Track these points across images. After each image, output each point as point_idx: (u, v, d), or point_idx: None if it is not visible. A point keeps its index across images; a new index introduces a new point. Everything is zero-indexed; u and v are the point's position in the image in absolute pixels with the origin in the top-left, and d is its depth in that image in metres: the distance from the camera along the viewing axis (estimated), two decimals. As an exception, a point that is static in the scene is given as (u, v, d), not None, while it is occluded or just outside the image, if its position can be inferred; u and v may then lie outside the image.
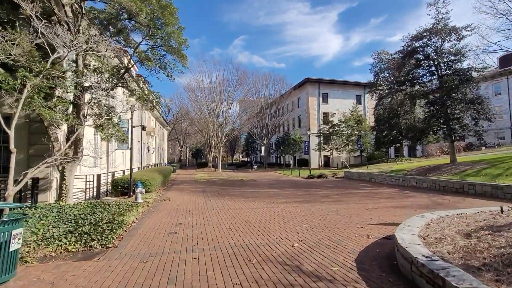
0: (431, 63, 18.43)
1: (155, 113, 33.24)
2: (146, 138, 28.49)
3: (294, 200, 10.89)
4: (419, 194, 12.41)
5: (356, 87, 43.95)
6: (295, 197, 11.61)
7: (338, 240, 5.32)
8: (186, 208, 8.99)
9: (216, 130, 29.43)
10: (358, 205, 9.48)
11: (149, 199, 10.18)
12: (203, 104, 29.45)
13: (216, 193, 13.20)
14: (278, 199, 11.05)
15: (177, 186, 16.15)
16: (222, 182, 19.07)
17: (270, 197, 11.79)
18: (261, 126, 44.39)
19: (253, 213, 8.24)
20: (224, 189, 15.00)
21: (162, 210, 8.54)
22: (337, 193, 13.10)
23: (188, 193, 13.03)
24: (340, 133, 35.72)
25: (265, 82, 43.20)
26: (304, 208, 9.05)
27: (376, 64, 33.31)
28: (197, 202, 10.32)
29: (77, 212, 6.77)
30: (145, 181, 11.22)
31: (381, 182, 17.59)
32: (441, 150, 28.96)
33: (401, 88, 20.66)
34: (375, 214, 7.91)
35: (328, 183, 17.80)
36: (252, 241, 5.27)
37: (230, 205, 9.68)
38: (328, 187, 15.48)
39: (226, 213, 8.25)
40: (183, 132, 66.11)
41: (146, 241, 5.35)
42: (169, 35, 8.41)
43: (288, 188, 15.48)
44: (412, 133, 20.40)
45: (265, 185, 16.98)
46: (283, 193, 13.20)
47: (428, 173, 17.09)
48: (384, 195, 12.37)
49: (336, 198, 11.23)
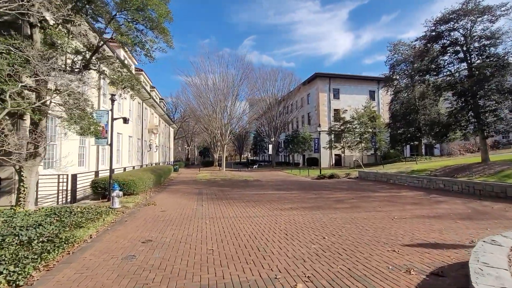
0: (459, 49, 16.24)
1: (158, 110, 32.00)
2: (148, 136, 27.23)
3: (302, 205, 9.16)
4: (450, 199, 10.46)
5: (369, 82, 41.57)
6: (303, 202, 9.87)
7: (364, 277, 3.59)
8: (170, 215, 7.40)
9: (220, 127, 27.80)
10: (380, 214, 7.67)
11: (130, 204, 8.66)
12: (206, 100, 27.86)
13: (213, 195, 11.60)
14: (283, 204, 9.34)
15: (173, 187, 14.65)
16: (224, 182, 17.49)
17: (274, 201, 10.09)
18: (269, 124, 42.61)
19: (249, 224, 6.56)
20: (224, 190, 13.40)
21: (138, 219, 6.97)
22: (352, 196, 11.28)
23: (181, 195, 11.48)
24: (352, 130, 33.55)
25: (273, 77, 41.38)
26: (314, 217, 7.31)
27: (392, 56, 30.96)
28: (187, 207, 8.73)
29: (25, 223, 5.28)
30: (129, 182, 9.70)
31: (401, 183, 15.60)
32: (464, 149, 26.46)
33: (424, 78, 18.47)
34: (405, 228, 6.10)
35: (340, 185, 15.93)
36: (235, 277, 3.59)
37: (224, 211, 8.04)
38: (342, 189, 13.65)
39: (215, 224, 6.61)
40: (191, 130, 64.98)
41: (84, 272, 3.75)
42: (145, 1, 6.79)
43: (295, 190, 13.74)
44: (436, 128, 18.20)
45: (270, 186, 15.28)
46: (289, 196, 11.47)
47: (456, 173, 15.00)
48: (408, 199, 10.49)
49: (352, 204, 9.43)
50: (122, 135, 18.34)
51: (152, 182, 12.61)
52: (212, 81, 28.19)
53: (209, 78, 28.37)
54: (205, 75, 28.16)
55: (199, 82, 28.54)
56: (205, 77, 28.18)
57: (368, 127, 32.82)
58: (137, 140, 22.56)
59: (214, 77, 28.19)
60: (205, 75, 28.17)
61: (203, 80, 28.46)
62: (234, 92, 28.10)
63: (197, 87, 28.68)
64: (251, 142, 77.24)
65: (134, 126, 21.50)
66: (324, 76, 39.72)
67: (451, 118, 16.49)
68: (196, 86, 28.89)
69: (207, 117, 28.43)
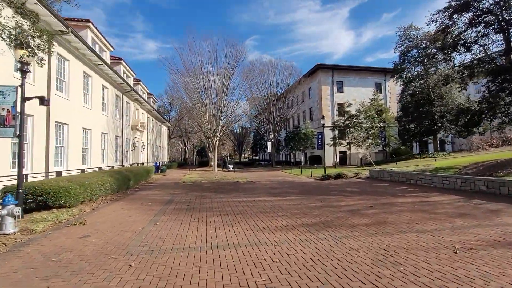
0: (493, 19, 13.28)
1: (146, 106, 29.23)
2: (131, 133, 24.47)
3: (301, 221, 6.30)
4: (506, 206, 7.61)
5: (375, 73, 38.56)
6: (304, 214, 7.01)
7: None
8: (85, 247, 4.56)
9: (211, 122, 24.79)
10: (425, 237, 4.82)
11: (45, 224, 5.83)
12: (193, 92, 24.78)
13: (185, 205, 8.77)
14: (275, 219, 6.49)
15: (141, 193, 11.83)
16: (210, 185, 14.66)
17: (264, 213, 7.24)
18: (267, 120, 39.71)
19: (208, 267, 3.73)
20: (204, 197, 10.57)
21: (17, 259, 4.13)
22: (370, 203, 8.41)
23: (140, 206, 8.66)
24: (359, 125, 30.60)
25: (271, 70, 38.43)
26: (321, 246, 4.47)
27: (402, 41, 27.95)
28: (131, 227, 5.90)
29: None
30: (56, 191, 6.87)
31: (424, 184, 12.70)
32: (487, 143, 23.42)
33: (450, 56, 15.50)
34: (489, 275, 3.23)
35: (350, 187, 13.05)
36: None
37: (180, 237, 5.20)
38: (353, 193, 10.78)
39: (142, 269, 3.77)
40: (187, 129, 62.22)
41: None
42: None
43: (295, 194, 10.88)
44: (464, 118, 15.24)
45: (264, 190, 12.43)
46: (286, 204, 8.62)
47: (493, 171, 12.11)
48: (448, 208, 7.63)
49: (374, 217, 6.54)
50: (91, 131, 15.56)
51: (109, 188, 9.80)
52: (200, 68, 25.05)
53: (196, 64, 25.32)
54: (191, 60, 25.18)
55: (184, 70, 25.54)
56: (190, 63, 25.18)
57: (375, 122, 29.87)
58: (114, 137, 19.79)
59: (200, 61, 25.08)
60: (191, 60, 25.18)
61: (188, 67, 25.48)
62: (225, 82, 25.00)
63: (182, 75, 25.62)
64: (252, 141, 74.43)
65: (110, 121, 18.72)
66: (327, 67, 36.77)
67: (484, 104, 13.53)
68: (181, 74, 25.83)
69: (196, 110, 25.39)
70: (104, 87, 17.99)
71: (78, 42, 12.89)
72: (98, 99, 16.84)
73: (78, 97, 14.13)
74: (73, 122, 13.48)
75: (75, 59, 13.77)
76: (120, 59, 21.64)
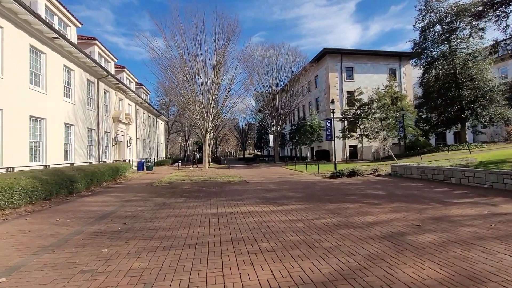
0: None
1: (133, 97, 26.23)
2: (113, 126, 21.53)
3: (301, 268, 3.08)
4: None
5: (389, 58, 34.80)
6: (308, 249, 3.80)
7: None
8: None
9: (200, 111, 21.44)
10: None
11: None
12: (176, 74, 21.38)
13: (122, 223, 5.67)
14: (250, 265, 3.31)
15: (86, 200, 8.79)
16: (189, 187, 11.55)
17: (234, 246, 4.08)
18: (269, 111, 36.40)
19: None
20: (164, 206, 7.45)
21: None
22: (413, 219, 5.17)
23: (51, 225, 5.62)
24: (372, 114, 27.08)
25: (273, 55, 34.99)
26: None
27: (423, 17, 24.17)
28: None
29: None
30: None
31: (474, 184, 9.34)
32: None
33: (505, 12, 11.93)
34: None
35: (371, 188, 9.78)
36: None
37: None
38: (379, 199, 7.51)
39: None
40: (187, 124, 59.30)
41: None
42: None
43: (295, 201, 7.66)
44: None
45: (254, 195, 9.24)
46: (278, 223, 5.45)
47: None
48: None
49: (445, 258, 3.25)
50: (45, 120, 12.61)
51: (27, 195, 6.76)
52: (185, 46, 21.46)
53: (177, 39, 21.84)
54: (173, 35, 21.73)
55: (165, 48, 22.09)
56: (172, 38, 21.72)
57: (390, 111, 26.31)
58: (86, 130, 16.83)
59: (182, 37, 21.57)
60: (173, 35, 21.74)
61: (170, 45, 22.04)
62: (217, 62, 21.45)
63: (164, 55, 22.18)
64: (255, 137, 71.27)
65: (78, 110, 15.76)
66: (335, 52, 33.19)
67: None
68: (163, 53, 22.36)
69: (182, 97, 22.02)
70: (68, 69, 14.98)
71: (13, 3, 9.81)
72: (58, 82, 13.83)
73: (21, 76, 11.14)
74: (13, 109, 10.49)
75: (15, 27, 10.76)
76: (94, 39, 18.59)
